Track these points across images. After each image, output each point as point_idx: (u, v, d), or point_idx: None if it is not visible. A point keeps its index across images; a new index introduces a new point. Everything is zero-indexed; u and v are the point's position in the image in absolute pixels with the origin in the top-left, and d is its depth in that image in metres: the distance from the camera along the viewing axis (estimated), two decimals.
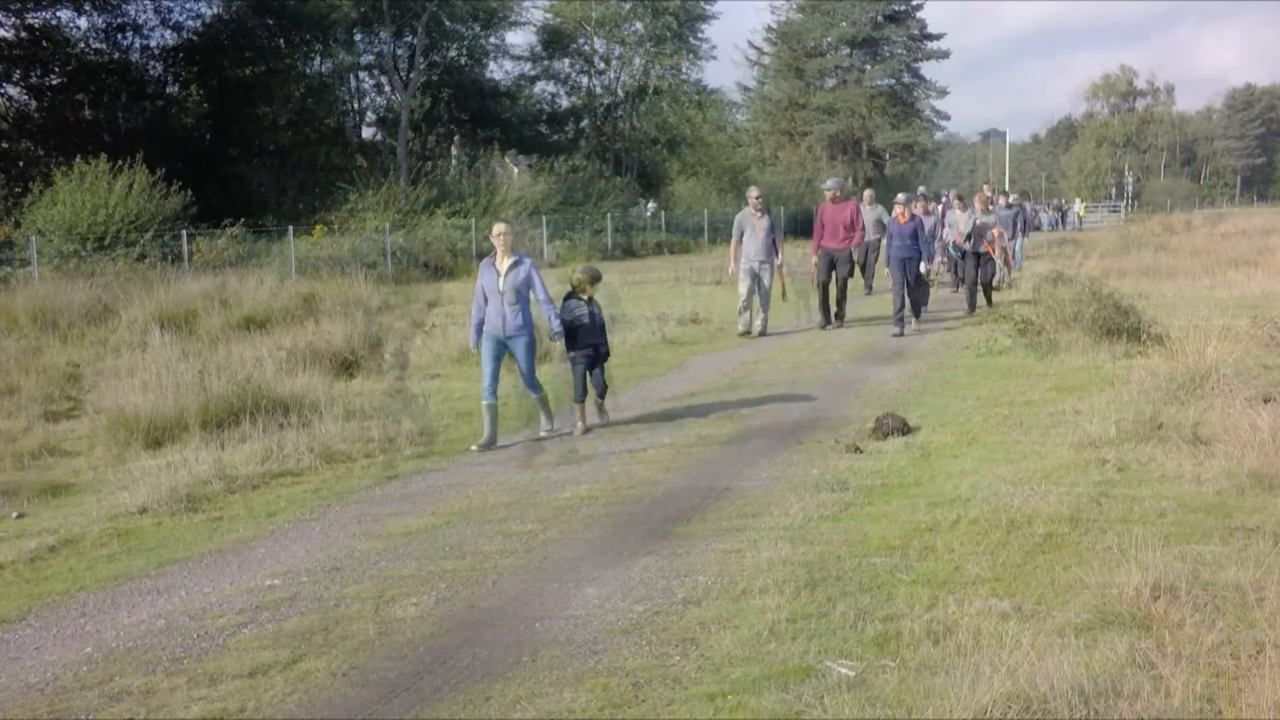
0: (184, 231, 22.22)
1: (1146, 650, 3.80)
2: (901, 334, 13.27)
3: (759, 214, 13.55)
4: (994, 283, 16.14)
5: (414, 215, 30.24)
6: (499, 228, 8.07)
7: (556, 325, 8.13)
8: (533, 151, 44.66)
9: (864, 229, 14.71)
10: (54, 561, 5.60)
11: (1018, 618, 4.22)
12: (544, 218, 32.17)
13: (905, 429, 7.90)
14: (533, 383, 8.22)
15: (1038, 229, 45.78)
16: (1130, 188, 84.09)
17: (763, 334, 13.69)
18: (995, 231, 15.61)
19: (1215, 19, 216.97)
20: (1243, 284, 17.45)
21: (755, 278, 13.56)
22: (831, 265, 14.00)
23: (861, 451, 7.40)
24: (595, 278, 8.55)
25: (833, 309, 14.23)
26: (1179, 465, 6.35)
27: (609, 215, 35.69)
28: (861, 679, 3.80)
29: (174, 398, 8.50)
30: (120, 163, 22.82)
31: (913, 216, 13.73)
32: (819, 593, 4.64)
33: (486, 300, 8.04)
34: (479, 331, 8.14)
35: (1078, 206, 56.99)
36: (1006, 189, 35.67)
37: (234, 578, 5.25)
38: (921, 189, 17.12)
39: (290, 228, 24.21)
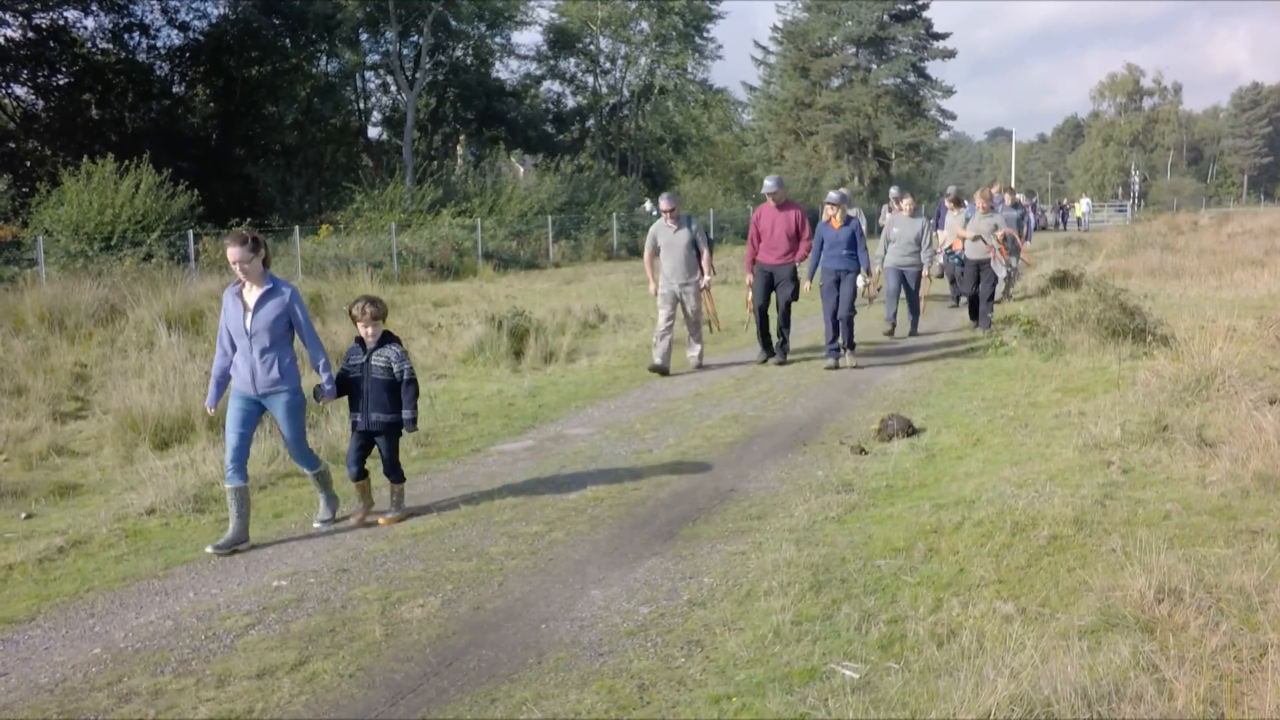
0: (191, 231, 22.27)
1: (1150, 653, 3.81)
2: (836, 365, 11.09)
3: (674, 226, 11.08)
4: (995, 295, 14.21)
5: (420, 215, 30.27)
6: (235, 253, 5.66)
7: (327, 379, 5.98)
8: (539, 151, 44.67)
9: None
10: (62, 562, 5.63)
11: (1022, 620, 4.24)
12: (549, 217, 32.19)
13: (910, 430, 7.91)
14: (302, 454, 6.01)
15: (1043, 228, 45.58)
16: (1137, 187, 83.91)
17: (699, 367, 11.48)
18: (1000, 234, 13.95)
19: (1225, 17, 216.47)
20: (1249, 284, 17.42)
21: (678, 302, 11.16)
22: (770, 285, 11.36)
23: (867, 453, 7.42)
24: (377, 313, 6.12)
25: (774, 338, 11.63)
26: (1184, 467, 6.35)
27: (615, 215, 35.70)
28: (866, 681, 3.81)
29: (181, 398, 8.54)
30: (127, 163, 22.87)
31: (848, 220, 11.20)
32: (824, 595, 4.65)
33: (234, 345, 5.83)
34: (221, 387, 5.93)
35: (1086, 206, 56.42)
36: (1013, 187, 35.47)
37: (241, 579, 5.28)
38: (894, 189, 15.57)
39: (296, 227, 24.25)
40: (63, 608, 4.94)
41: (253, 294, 5.78)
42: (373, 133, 42.78)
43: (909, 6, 57.63)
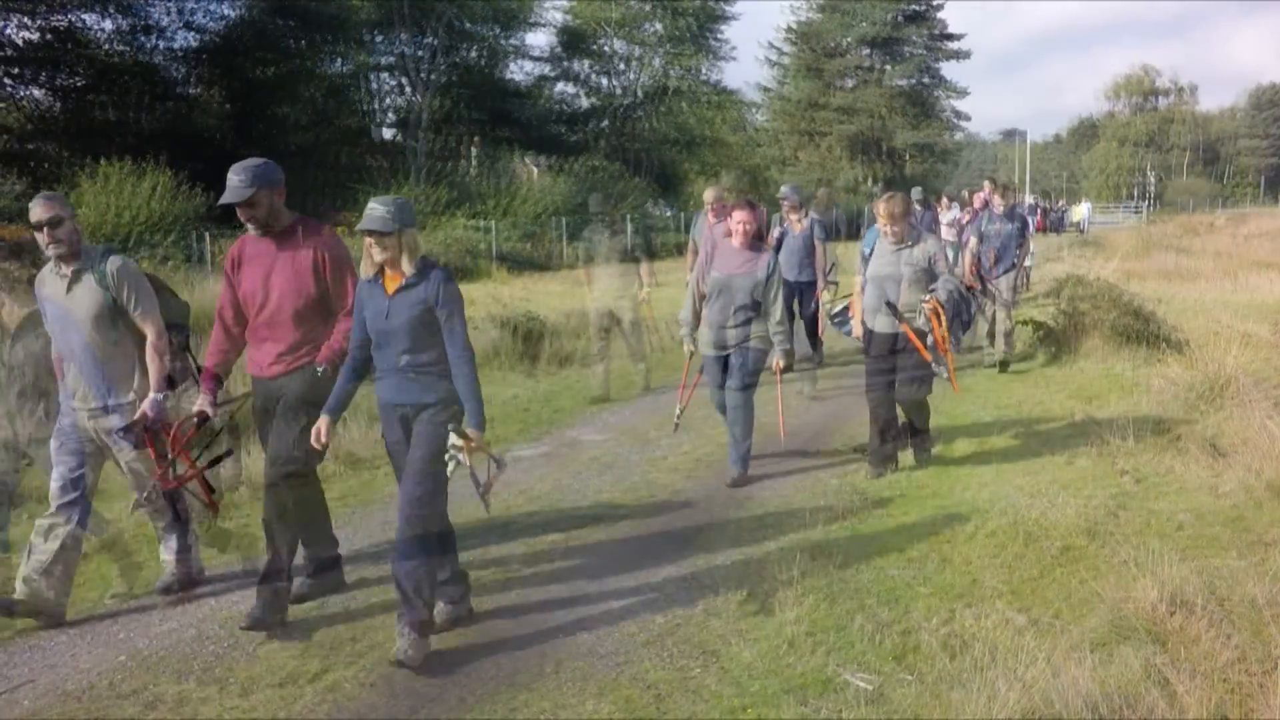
0: (205, 233, 22.38)
1: (1161, 665, 3.84)
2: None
3: (609, 231, 10.25)
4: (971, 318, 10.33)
5: (432, 216, 30.36)
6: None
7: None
8: (550, 152, 44.74)
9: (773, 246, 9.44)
10: (85, 569, 5.69)
11: (1034, 631, 4.28)
12: (562, 219, 32.25)
13: None
14: None
15: (1040, 230, 44.88)
16: (1151, 188, 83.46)
17: (646, 388, 10.39)
18: (967, 260, 10.97)
19: (1241, 17, 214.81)
20: (1265, 288, 17.34)
21: (614, 319, 10.20)
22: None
23: None
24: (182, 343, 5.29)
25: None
26: (1197, 476, 6.37)
27: (627, 216, 35.74)
28: (879, 692, 3.86)
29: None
30: (142, 164, 23.02)
31: (812, 224, 10.13)
32: (837, 605, 4.70)
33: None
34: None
35: (1086, 209, 55.54)
36: (1014, 185, 34.79)
37: None
38: (877, 188, 14.33)
39: None
40: (87, 614, 5.01)
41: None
42: (385, 134, 42.93)
43: (922, 7, 57.59)
